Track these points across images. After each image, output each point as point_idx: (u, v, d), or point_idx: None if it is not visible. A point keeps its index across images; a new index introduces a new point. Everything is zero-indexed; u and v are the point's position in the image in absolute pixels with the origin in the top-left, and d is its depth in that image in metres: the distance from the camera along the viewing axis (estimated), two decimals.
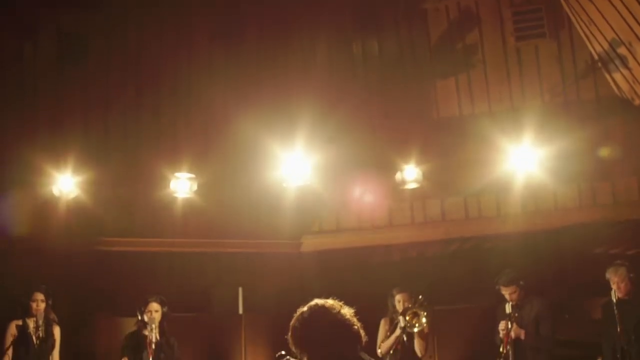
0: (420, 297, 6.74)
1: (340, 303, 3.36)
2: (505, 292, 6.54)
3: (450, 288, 8.56)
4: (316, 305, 3.34)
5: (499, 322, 6.58)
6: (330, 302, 3.35)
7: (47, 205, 7.31)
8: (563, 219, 7.68)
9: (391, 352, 6.68)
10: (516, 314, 6.51)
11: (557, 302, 7.72)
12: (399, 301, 6.83)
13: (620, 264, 6.59)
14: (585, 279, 8.54)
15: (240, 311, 9.98)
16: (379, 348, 6.77)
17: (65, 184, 7.25)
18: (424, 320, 6.63)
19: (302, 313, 3.32)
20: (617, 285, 6.47)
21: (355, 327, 3.31)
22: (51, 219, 7.34)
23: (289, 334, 3.29)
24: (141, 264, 8.18)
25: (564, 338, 7.62)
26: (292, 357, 3.30)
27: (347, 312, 3.33)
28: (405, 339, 6.62)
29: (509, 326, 6.42)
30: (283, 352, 3.19)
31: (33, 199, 7.29)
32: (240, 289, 9.95)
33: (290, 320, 3.33)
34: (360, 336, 3.32)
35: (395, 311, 6.85)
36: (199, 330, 9.19)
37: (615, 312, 6.44)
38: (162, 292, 6.94)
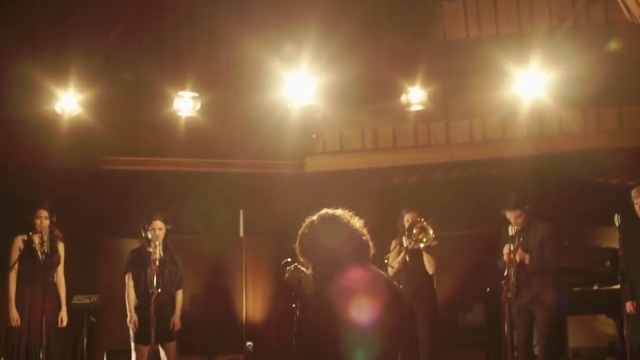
0: (430, 219, 6.70)
1: (350, 213, 3.34)
2: (511, 216, 6.49)
3: (451, 214, 8.59)
4: (326, 213, 3.33)
5: (503, 246, 6.56)
6: (340, 211, 3.34)
7: (49, 123, 7.23)
8: (568, 143, 7.67)
9: (396, 266, 6.68)
10: (521, 238, 6.50)
11: (558, 229, 7.73)
12: (407, 221, 6.81)
13: None
14: (586, 206, 8.77)
15: (241, 234, 10.12)
16: (390, 266, 6.75)
17: (68, 102, 7.11)
18: (431, 233, 6.60)
19: (312, 221, 3.31)
20: (639, 206, 6.50)
21: (365, 237, 3.30)
22: (54, 137, 7.27)
23: (297, 241, 3.29)
24: (143, 183, 8.17)
25: (563, 265, 7.67)
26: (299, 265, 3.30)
27: (357, 222, 3.32)
28: (408, 259, 6.62)
29: (512, 249, 6.40)
30: (289, 259, 3.19)
31: (35, 116, 7.18)
32: (241, 212, 10.09)
33: (291, 243, 3.32)
34: (369, 247, 3.31)
35: (404, 231, 6.83)
36: (200, 252, 9.30)
37: (618, 236, 6.50)
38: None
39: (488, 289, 8.20)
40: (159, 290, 6.11)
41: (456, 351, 8.78)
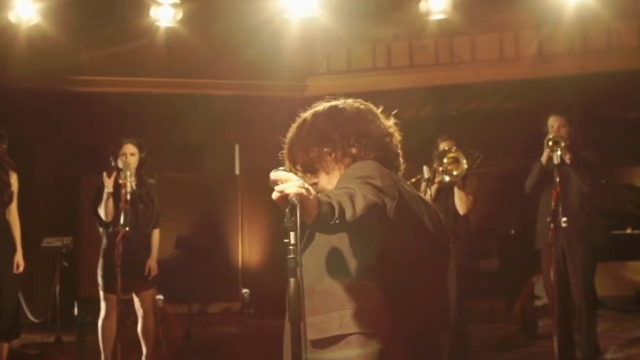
0: (471, 151, 5.95)
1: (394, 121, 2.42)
2: (555, 123, 5.52)
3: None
4: (356, 100, 2.35)
5: (534, 172, 5.63)
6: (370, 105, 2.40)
7: (2, 35, 6.60)
8: (617, 61, 7.08)
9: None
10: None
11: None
12: (442, 150, 5.87)
13: None
14: (620, 143, 8.18)
15: (237, 171, 9.81)
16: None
17: (24, 8, 6.48)
18: (464, 165, 5.63)
19: (327, 107, 2.32)
20: None
21: (399, 149, 2.37)
22: (8, 51, 6.69)
23: (291, 134, 2.31)
24: (121, 109, 7.66)
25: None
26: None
27: (396, 133, 2.40)
28: (430, 192, 5.66)
29: (557, 181, 5.32)
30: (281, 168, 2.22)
31: None
32: (237, 146, 9.81)
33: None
34: (400, 162, 2.38)
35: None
36: (192, 192, 9.11)
37: None
38: (152, 150, 6.17)
39: (512, 231, 7.86)
40: (127, 228, 5.16)
41: (471, 299, 8.23)
